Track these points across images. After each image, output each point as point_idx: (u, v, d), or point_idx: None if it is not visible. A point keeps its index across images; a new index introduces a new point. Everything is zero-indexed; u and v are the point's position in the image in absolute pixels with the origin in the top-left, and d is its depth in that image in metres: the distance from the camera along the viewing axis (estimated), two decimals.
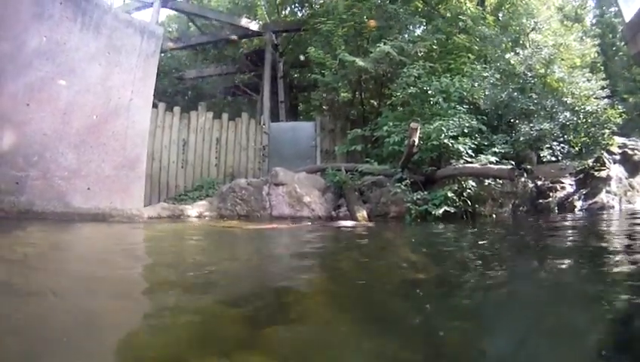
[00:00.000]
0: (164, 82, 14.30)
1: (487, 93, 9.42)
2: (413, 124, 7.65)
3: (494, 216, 7.73)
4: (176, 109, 11.81)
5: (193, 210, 7.85)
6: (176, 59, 16.92)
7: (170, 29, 18.38)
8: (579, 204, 8.11)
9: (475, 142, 8.41)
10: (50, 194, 6.16)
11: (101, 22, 6.90)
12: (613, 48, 18.43)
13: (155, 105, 10.28)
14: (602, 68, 15.06)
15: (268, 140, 12.27)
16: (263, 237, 5.64)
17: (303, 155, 11.53)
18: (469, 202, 7.54)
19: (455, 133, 8.22)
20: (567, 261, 3.56)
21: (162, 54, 11.74)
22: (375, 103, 11.71)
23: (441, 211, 7.18)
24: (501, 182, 7.86)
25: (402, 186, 7.69)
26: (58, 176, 6.27)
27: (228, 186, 8.64)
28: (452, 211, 7.29)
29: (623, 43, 15.72)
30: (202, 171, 11.84)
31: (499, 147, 8.44)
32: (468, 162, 7.95)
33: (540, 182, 8.75)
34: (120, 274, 3.04)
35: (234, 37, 14.17)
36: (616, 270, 3.04)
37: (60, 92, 6.39)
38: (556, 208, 8.06)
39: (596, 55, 13.98)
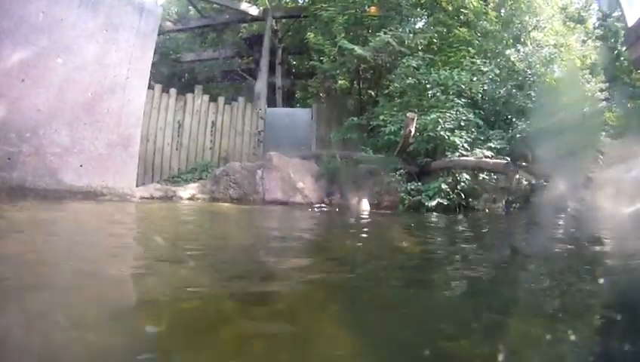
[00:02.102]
0: (162, 64, 14.13)
1: (485, 88, 9.40)
2: (409, 115, 7.66)
3: (487, 210, 7.74)
4: (172, 91, 11.65)
5: (185, 192, 7.82)
6: (175, 41, 16.70)
7: (170, 12, 18.13)
8: (571, 203, 8.13)
9: (472, 136, 8.42)
10: (42, 170, 6.11)
11: None
12: (615, 52, 18.34)
13: (151, 87, 10.16)
14: (602, 71, 15.02)
15: (264, 125, 12.18)
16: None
17: (298, 141, 11.44)
18: (462, 195, 7.54)
19: (451, 126, 8.22)
20: None
21: (160, 36, 11.62)
22: (373, 93, 11.64)
23: (434, 203, 7.20)
24: (495, 177, 7.87)
25: (397, 176, 7.70)
26: (51, 152, 6.22)
27: (222, 169, 8.60)
28: (445, 203, 7.30)
29: (624, 48, 15.65)
30: (197, 154, 11.72)
31: (495, 142, 8.45)
32: (463, 155, 7.96)
33: (534, 180, 8.75)
34: None
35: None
36: None
37: (56, 68, 6.32)
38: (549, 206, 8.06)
39: (597, 57, 13.90)
